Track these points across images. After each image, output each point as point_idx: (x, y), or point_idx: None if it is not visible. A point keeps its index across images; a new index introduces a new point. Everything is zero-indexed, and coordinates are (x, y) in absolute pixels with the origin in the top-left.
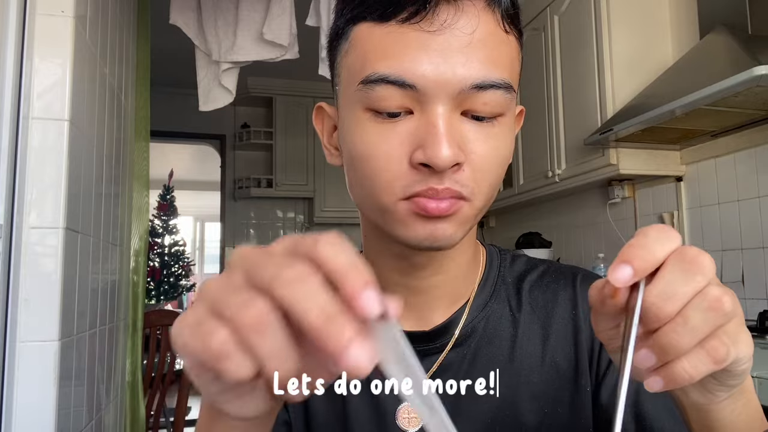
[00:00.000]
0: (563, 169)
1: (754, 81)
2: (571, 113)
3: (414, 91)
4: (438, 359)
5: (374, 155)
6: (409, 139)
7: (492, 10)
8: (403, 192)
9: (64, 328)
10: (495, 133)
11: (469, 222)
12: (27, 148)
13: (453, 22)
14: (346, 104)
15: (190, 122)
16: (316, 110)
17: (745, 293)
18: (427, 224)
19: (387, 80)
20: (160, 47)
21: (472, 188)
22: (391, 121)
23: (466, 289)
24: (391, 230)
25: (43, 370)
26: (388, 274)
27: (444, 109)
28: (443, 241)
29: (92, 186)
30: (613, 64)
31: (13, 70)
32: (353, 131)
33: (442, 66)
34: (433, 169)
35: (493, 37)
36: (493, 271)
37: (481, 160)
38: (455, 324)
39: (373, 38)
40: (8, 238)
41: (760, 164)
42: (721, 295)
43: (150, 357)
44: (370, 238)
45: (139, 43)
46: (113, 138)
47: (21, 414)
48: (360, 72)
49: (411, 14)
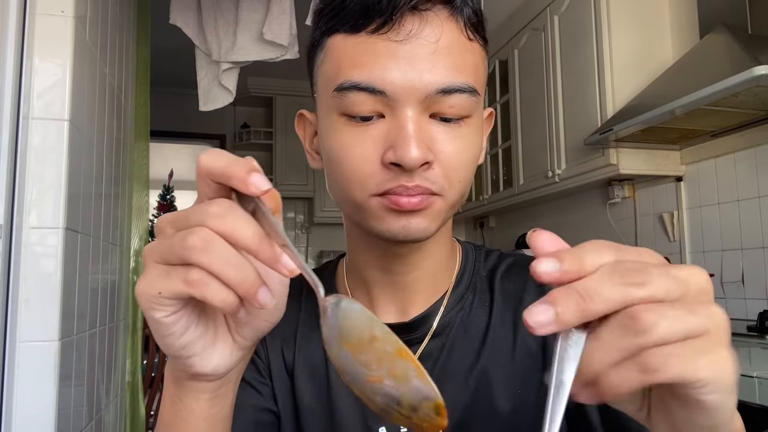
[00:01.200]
0: (563, 169)
1: (754, 81)
2: (571, 113)
3: (384, 96)
4: (419, 349)
5: (349, 157)
6: (380, 140)
7: (455, 20)
8: (375, 188)
9: (64, 328)
10: (463, 134)
11: (441, 216)
12: (27, 148)
13: (418, 31)
14: (323, 110)
15: (190, 122)
16: (297, 117)
17: (745, 293)
18: (400, 218)
19: (359, 87)
20: (160, 47)
21: (442, 184)
22: (364, 125)
23: (444, 284)
24: (367, 225)
25: (43, 370)
26: (371, 272)
27: (413, 113)
28: (417, 234)
29: (92, 186)
30: (613, 64)
31: (13, 70)
32: (330, 135)
33: (409, 73)
34: (404, 168)
35: (457, 45)
36: (469, 266)
37: (449, 158)
38: (433, 315)
39: (346, 48)
40: (8, 238)
41: (760, 164)
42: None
43: (150, 357)
44: (352, 237)
45: (139, 43)
46: (113, 138)
47: (21, 414)
48: (334, 80)
49: (379, 25)
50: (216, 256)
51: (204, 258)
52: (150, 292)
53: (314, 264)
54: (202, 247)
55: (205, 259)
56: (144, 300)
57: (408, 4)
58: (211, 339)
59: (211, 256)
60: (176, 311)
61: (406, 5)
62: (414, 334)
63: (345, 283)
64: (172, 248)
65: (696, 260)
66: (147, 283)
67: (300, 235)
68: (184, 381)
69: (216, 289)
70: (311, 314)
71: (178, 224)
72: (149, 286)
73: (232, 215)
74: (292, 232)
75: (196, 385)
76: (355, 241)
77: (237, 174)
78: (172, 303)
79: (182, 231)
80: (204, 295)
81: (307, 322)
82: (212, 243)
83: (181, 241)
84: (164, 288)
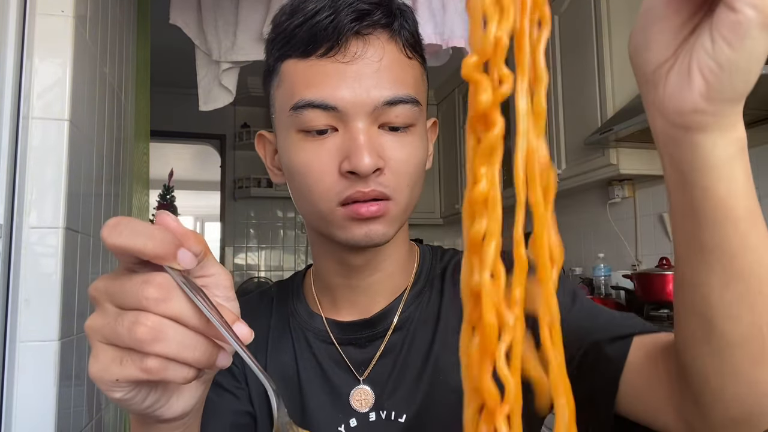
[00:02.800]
0: (563, 169)
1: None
2: (571, 113)
3: (336, 111)
4: (382, 342)
5: (309, 170)
6: (336, 152)
7: (395, 41)
8: (337, 198)
9: (64, 328)
10: (409, 141)
11: (397, 220)
12: (27, 148)
13: (363, 53)
14: (281, 129)
15: (190, 122)
16: (257, 138)
17: None
18: (362, 226)
19: (313, 105)
20: (160, 47)
21: (393, 188)
22: (320, 139)
23: (403, 284)
24: (331, 234)
25: (43, 370)
26: (333, 278)
27: (363, 124)
28: (377, 239)
29: (92, 186)
30: (613, 64)
31: (13, 70)
32: (290, 151)
33: (357, 89)
34: (359, 176)
35: (397, 63)
36: (426, 266)
37: (398, 164)
38: (393, 311)
39: (298, 72)
40: (8, 238)
41: (760, 164)
42: None
43: None
44: (315, 245)
45: (139, 43)
46: (113, 138)
47: (21, 414)
48: (290, 100)
49: (327, 50)
50: (169, 344)
51: (158, 348)
52: (106, 379)
53: None
54: (153, 337)
55: (159, 349)
56: (101, 384)
57: (351, 30)
58: (174, 390)
59: (164, 344)
60: (135, 388)
61: (350, 31)
62: (376, 329)
63: (312, 289)
64: (119, 336)
65: None
66: (101, 369)
67: (300, 235)
68: (153, 424)
69: (176, 371)
70: (282, 319)
71: (116, 300)
72: (105, 372)
73: (175, 299)
74: (292, 232)
75: (165, 426)
76: (319, 251)
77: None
78: (129, 385)
79: (125, 316)
80: (164, 377)
81: (278, 327)
82: (162, 331)
83: (129, 333)
84: (120, 375)
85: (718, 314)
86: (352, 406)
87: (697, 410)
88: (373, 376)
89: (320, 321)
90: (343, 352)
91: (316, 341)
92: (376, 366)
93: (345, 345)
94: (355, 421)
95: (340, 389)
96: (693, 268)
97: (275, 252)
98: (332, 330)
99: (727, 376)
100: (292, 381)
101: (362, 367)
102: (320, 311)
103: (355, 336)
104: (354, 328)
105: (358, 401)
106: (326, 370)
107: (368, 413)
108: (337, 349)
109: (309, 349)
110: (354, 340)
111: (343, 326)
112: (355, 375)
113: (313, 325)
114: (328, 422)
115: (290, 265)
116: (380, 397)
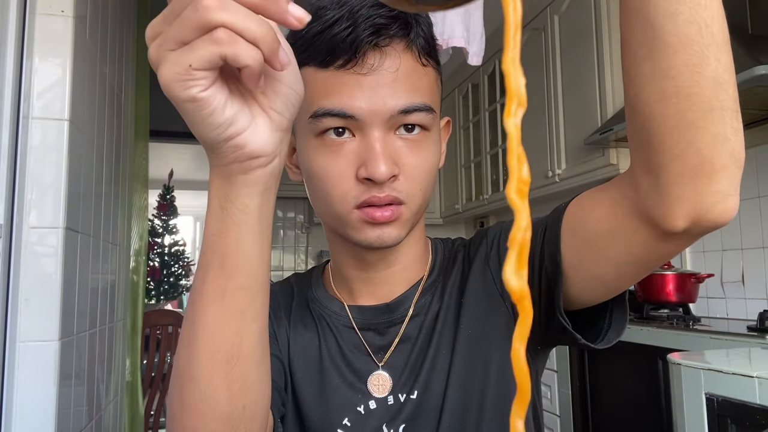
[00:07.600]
0: (563, 169)
1: (754, 81)
2: (571, 113)
3: (354, 119)
4: (401, 329)
5: (327, 175)
6: (353, 158)
7: (411, 50)
8: (354, 202)
9: (64, 328)
10: (423, 147)
11: (409, 223)
12: (27, 148)
13: (379, 64)
14: (300, 133)
15: None
16: None
17: (745, 293)
18: (375, 229)
19: (331, 113)
20: None
21: (407, 193)
22: (337, 145)
23: (418, 274)
24: (346, 234)
25: (43, 370)
26: (350, 270)
27: (379, 132)
28: (389, 242)
29: (92, 186)
30: (613, 64)
31: (13, 70)
32: (308, 155)
33: (374, 99)
34: (375, 182)
35: (413, 71)
36: (439, 256)
37: (412, 170)
38: (410, 298)
39: (317, 81)
40: (8, 238)
41: (760, 164)
42: None
43: (150, 357)
44: (332, 241)
45: (139, 43)
46: (113, 138)
47: (21, 414)
48: (309, 108)
49: (345, 62)
50: (234, 12)
51: (224, 15)
52: (178, 70)
53: (314, 263)
54: (218, 6)
55: (226, 16)
56: (175, 82)
57: (369, 43)
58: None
59: (229, 12)
60: (211, 84)
61: (368, 44)
62: (394, 315)
63: (330, 281)
64: (185, 23)
65: (696, 260)
66: (172, 63)
67: (300, 235)
68: (237, 176)
69: (245, 47)
70: (303, 303)
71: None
72: (176, 65)
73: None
74: (292, 232)
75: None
76: (335, 247)
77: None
78: (205, 75)
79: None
80: (235, 52)
81: (299, 309)
82: (226, 2)
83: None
84: (193, 58)
85: (658, 13)
86: (370, 391)
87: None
88: (392, 361)
89: (340, 306)
90: (363, 337)
91: (338, 325)
92: (395, 352)
93: (365, 330)
94: (374, 403)
95: (360, 373)
96: None
97: (275, 252)
98: (353, 315)
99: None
100: (314, 358)
101: (381, 352)
102: (340, 298)
103: (375, 321)
104: (374, 313)
105: (375, 386)
106: (346, 354)
107: (387, 397)
108: (357, 334)
109: (330, 332)
110: (374, 326)
111: (364, 310)
112: (374, 360)
113: (333, 310)
114: (346, 402)
115: (290, 265)
116: (397, 382)
